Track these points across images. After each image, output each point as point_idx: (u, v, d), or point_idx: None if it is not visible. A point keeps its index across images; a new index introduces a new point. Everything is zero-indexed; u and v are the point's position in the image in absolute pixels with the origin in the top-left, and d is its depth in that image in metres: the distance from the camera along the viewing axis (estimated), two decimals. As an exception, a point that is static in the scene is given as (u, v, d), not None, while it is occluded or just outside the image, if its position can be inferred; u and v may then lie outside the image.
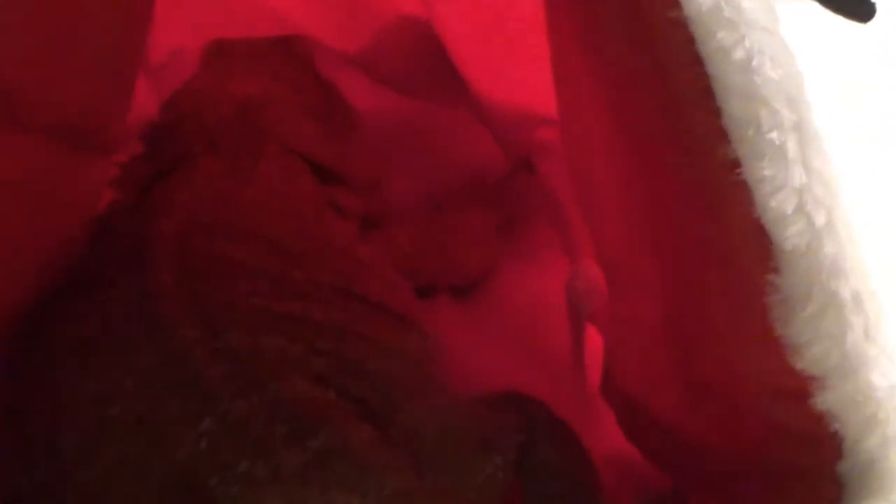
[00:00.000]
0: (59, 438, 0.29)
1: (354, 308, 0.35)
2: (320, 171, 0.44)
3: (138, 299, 0.31)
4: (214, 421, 0.27)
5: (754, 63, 0.22)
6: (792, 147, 0.21)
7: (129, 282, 0.32)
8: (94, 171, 0.38)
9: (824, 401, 0.22)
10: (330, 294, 0.35)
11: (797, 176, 0.21)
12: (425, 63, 0.47)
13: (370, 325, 0.35)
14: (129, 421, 0.28)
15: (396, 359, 0.35)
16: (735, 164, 0.22)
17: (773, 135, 0.21)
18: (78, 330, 0.32)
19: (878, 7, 0.44)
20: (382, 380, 0.33)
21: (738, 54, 0.22)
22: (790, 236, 0.21)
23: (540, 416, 0.35)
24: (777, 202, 0.21)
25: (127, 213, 0.38)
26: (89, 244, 0.37)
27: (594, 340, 0.39)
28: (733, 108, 0.22)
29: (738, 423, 0.27)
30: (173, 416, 0.28)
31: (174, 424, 0.28)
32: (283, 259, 0.36)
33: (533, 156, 0.48)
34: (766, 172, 0.21)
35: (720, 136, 0.22)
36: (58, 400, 0.30)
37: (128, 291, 0.32)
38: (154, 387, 0.29)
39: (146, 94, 0.45)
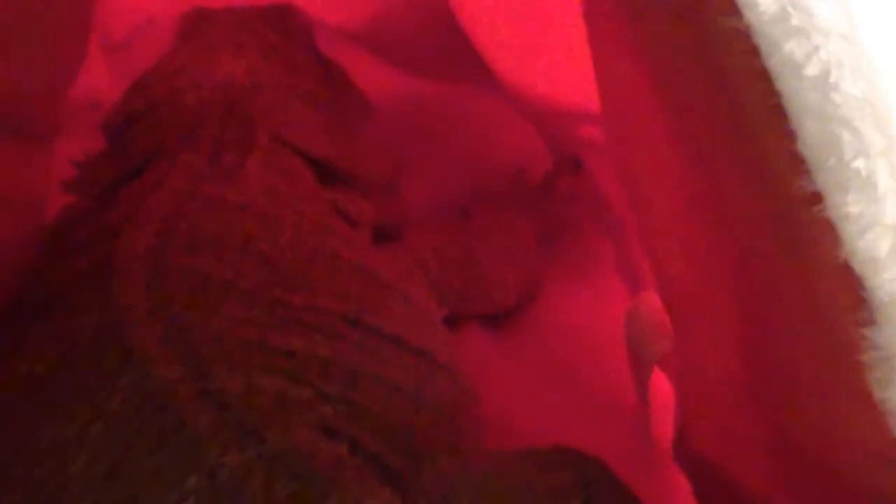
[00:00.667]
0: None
1: (368, 342, 0.31)
2: (323, 170, 0.39)
3: (105, 329, 0.27)
4: (202, 478, 0.23)
5: (832, 78, 0.18)
6: (882, 177, 0.18)
7: (92, 307, 0.28)
8: (32, 164, 0.34)
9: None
10: (337, 324, 0.30)
11: (890, 211, 0.18)
12: (444, 39, 0.41)
13: (387, 363, 0.30)
14: (94, 477, 0.24)
15: (420, 406, 0.30)
16: (816, 198, 0.18)
17: (859, 163, 0.18)
18: (29, 366, 0.27)
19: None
20: (403, 432, 0.28)
21: (812, 68, 0.18)
22: (885, 283, 0.18)
23: (599, 479, 0.29)
24: (867, 243, 0.18)
25: (87, 221, 0.34)
26: (41, 258, 0.33)
27: (662, 386, 0.34)
28: (809, 131, 0.18)
29: (837, 495, 0.23)
30: (151, 472, 0.23)
31: (152, 482, 0.23)
32: (281, 279, 0.31)
33: (580, 152, 0.42)
34: (853, 209, 0.18)
35: (796, 164, 0.19)
36: (1, 454, 0.26)
37: (91, 319, 0.27)
38: (126, 436, 0.24)
39: (106, 75, 0.40)
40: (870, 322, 0.18)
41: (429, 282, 0.38)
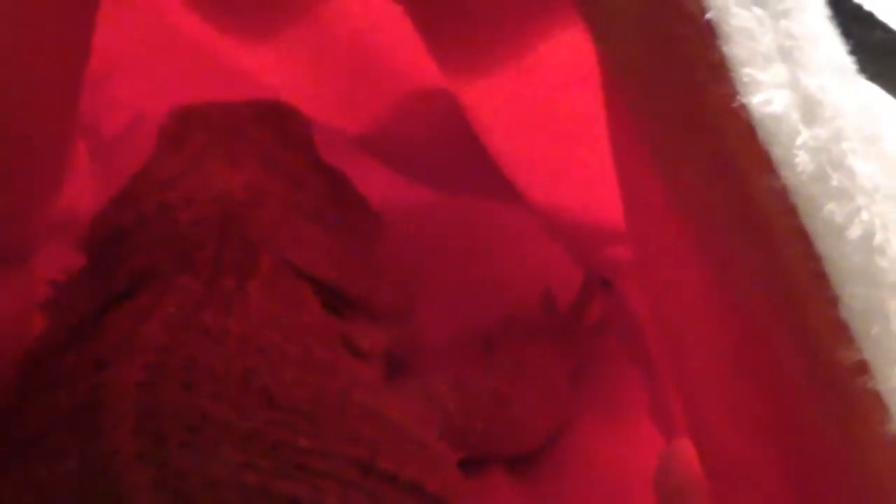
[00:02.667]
0: None
1: (381, 489, 0.28)
2: (331, 295, 0.36)
3: (91, 475, 0.25)
4: None
5: (876, 241, 0.17)
6: (933, 348, 0.17)
7: (75, 451, 0.26)
8: (8, 287, 0.33)
9: None
10: (348, 469, 0.28)
11: (943, 385, 0.17)
12: (459, 147, 0.38)
13: None
14: None
15: None
16: (861, 368, 0.17)
17: (907, 332, 0.17)
18: None
19: None
20: None
21: (855, 230, 0.17)
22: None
23: None
24: (919, 419, 0.17)
25: (69, 350, 0.31)
26: (15, 392, 0.30)
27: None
28: (852, 297, 0.17)
29: None
30: None
31: None
32: (285, 419, 0.28)
33: (609, 273, 0.40)
34: (902, 381, 0.17)
35: (840, 331, 0.17)
36: None
37: (74, 463, 0.25)
38: None
39: (90, 183, 0.38)
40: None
41: (445, 424, 0.35)
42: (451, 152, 0.40)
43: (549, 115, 0.33)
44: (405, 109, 0.40)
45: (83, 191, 0.37)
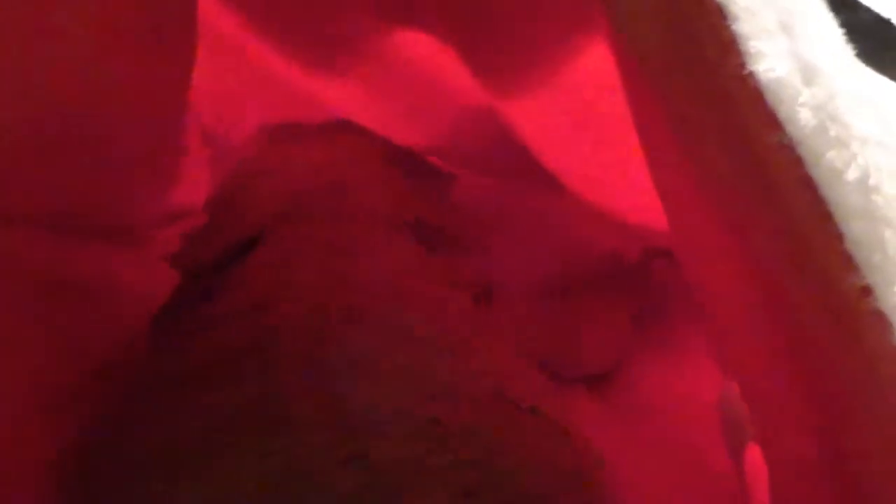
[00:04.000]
0: None
1: (508, 411, 0.30)
2: (425, 235, 0.39)
3: (263, 399, 0.27)
4: None
5: (871, 181, 0.20)
6: (925, 269, 0.19)
7: (247, 381, 0.28)
8: (133, 263, 0.36)
9: None
10: (480, 395, 0.30)
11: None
12: (511, 159, 0.42)
13: (526, 432, 0.30)
14: None
15: (557, 474, 0.30)
16: (866, 291, 0.20)
17: (903, 257, 0.19)
18: (172, 435, 0.28)
19: None
20: (539, 498, 0.28)
21: (852, 174, 0.20)
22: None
23: None
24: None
25: (212, 295, 0.34)
26: (161, 339, 0.34)
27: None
28: (855, 231, 0.20)
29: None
30: None
31: None
32: (425, 354, 0.31)
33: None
34: (900, 298, 0.19)
35: (846, 262, 0.20)
36: None
37: (250, 389, 0.28)
38: (277, 497, 0.25)
39: (206, 182, 0.42)
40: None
41: (531, 348, 0.38)
42: (503, 164, 0.44)
43: (589, 121, 0.36)
44: (462, 126, 0.43)
45: (199, 189, 0.41)
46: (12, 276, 0.31)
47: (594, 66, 0.33)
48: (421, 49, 0.41)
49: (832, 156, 0.20)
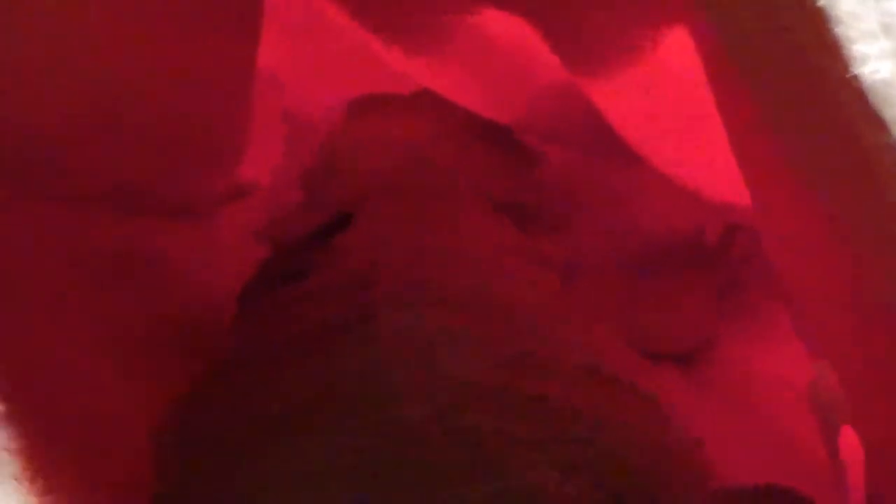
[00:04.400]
0: None
1: (608, 389, 0.31)
2: (514, 213, 0.40)
3: (366, 373, 0.28)
4: None
5: None
6: None
7: (354, 353, 0.29)
8: (199, 237, 0.37)
9: None
10: (580, 373, 0.31)
11: None
12: (594, 128, 0.41)
13: (626, 409, 0.31)
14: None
15: (657, 449, 0.30)
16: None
17: None
18: (282, 404, 0.29)
19: None
20: (644, 473, 0.28)
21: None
22: None
23: None
24: None
25: (310, 270, 0.35)
26: (253, 311, 0.35)
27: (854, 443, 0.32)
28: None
29: None
30: (400, 502, 0.25)
31: None
32: (521, 332, 0.31)
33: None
34: None
35: None
36: (253, 483, 0.27)
37: (353, 363, 0.29)
38: (379, 467, 0.25)
39: (280, 158, 0.43)
40: None
41: (618, 326, 0.38)
42: (585, 140, 0.44)
43: (671, 105, 0.36)
44: (541, 102, 0.43)
45: (271, 165, 0.42)
46: (82, 253, 0.32)
47: (676, 51, 0.33)
48: (504, 27, 0.41)
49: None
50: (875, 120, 0.21)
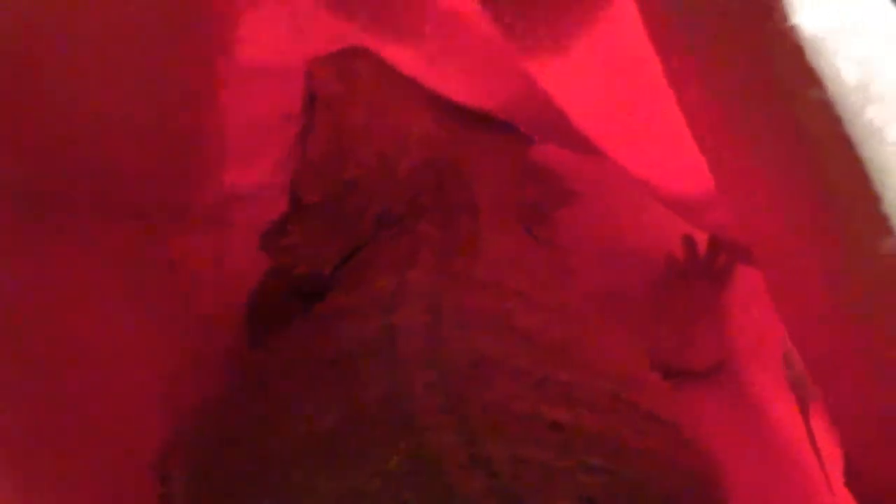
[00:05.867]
0: None
1: (629, 416, 0.30)
2: (527, 216, 0.39)
3: (389, 398, 0.28)
4: None
5: (913, 141, 0.19)
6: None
7: (379, 377, 0.29)
8: (210, 240, 0.38)
9: None
10: (601, 399, 0.30)
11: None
12: (544, 122, 0.40)
13: (647, 436, 0.30)
14: None
15: (678, 478, 0.30)
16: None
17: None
18: (311, 424, 0.29)
19: None
20: (661, 502, 0.28)
21: (893, 132, 0.19)
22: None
23: None
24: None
25: (335, 287, 0.35)
26: (264, 326, 0.35)
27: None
28: (893, 193, 0.19)
29: None
30: None
31: None
32: (545, 356, 0.31)
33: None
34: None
35: (882, 223, 0.19)
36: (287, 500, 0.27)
37: (378, 388, 0.29)
38: (401, 494, 0.26)
39: (287, 159, 0.41)
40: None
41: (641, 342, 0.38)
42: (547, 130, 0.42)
43: (625, 82, 0.35)
44: (513, 90, 0.41)
45: (280, 166, 0.41)
46: (113, 265, 0.33)
47: (629, 22, 0.33)
48: (475, 12, 0.41)
49: (873, 113, 0.19)
50: (809, 75, 0.20)
